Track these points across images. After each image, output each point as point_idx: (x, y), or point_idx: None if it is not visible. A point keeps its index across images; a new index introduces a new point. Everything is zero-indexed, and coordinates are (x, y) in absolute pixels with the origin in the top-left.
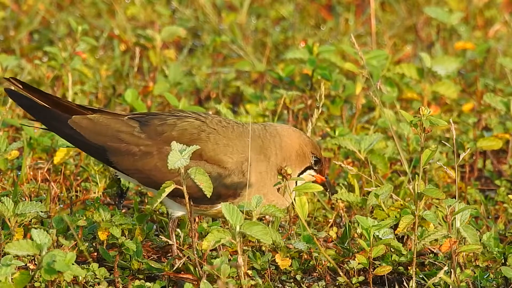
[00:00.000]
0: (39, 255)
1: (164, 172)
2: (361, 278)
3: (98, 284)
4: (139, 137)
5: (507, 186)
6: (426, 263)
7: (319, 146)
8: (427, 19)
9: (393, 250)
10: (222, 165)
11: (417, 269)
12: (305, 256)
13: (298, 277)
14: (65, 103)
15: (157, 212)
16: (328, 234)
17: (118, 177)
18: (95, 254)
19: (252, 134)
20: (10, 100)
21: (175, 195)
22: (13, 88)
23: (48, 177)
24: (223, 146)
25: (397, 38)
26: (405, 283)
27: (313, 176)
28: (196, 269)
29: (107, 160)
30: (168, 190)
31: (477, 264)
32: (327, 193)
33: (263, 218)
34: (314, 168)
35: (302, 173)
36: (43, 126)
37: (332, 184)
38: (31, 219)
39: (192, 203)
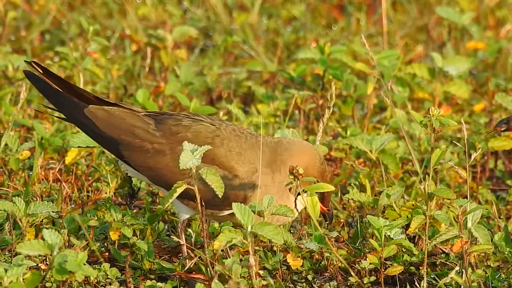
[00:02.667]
0: (51, 255)
1: (175, 173)
2: (373, 278)
3: (110, 284)
4: (154, 135)
5: None
6: (437, 263)
7: (329, 173)
8: (438, 19)
9: (404, 250)
10: (233, 173)
11: (429, 269)
12: (317, 256)
13: (309, 277)
14: (83, 92)
15: (169, 212)
16: (340, 234)
17: (128, 174)
18: (107, 254)
19: (263, 146)
20: (21, 100)
21: (184, 197)
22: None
23: (59, 177)
24: (236, 154)
25: (409, 38)
26: (416, 283)
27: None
28: (208, 269)
29: (119, 153)
30: (179, 190)
31: (489, 264)
32: (324, 224)
33: None
34: None
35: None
36: (60, 115)
37: (332, 216)
38: (42, 219)
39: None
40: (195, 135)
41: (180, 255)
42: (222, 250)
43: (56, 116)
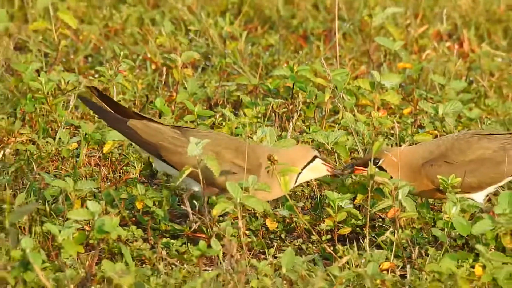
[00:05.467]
0: (93, 219)
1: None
2: (329, 236)
3: (136, 241)
4: (183, 141)
5: None
6: (376, 225)
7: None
8: (377, 46)
9: (352, 216)
10: (243, 167)
11: (370, 230)
12: (288, 220)
13: (282, 235)
14: (124, 109)
15: (179, 188)
16: (304, 204)
17: (152, 165)
18: (134, 219)
19: (257, 150)
20: (70, 106)
21: (197, 179)
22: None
23: (99, 163)
24: (242, 154)
25: (355, 60)
26: (361, 240)
27: (322, 164)
28: (208, 230)
29: (158, 155)
30: (187, 172)
31: (414, 226)
32: (342, 177)
33: None
34: (319, 157)
35: (311, 162)
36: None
37: (343, 170)
38: (86, 194)
39: (214, 188)
40: (212, 142)
41: (189, 219)
42: (218, 217)
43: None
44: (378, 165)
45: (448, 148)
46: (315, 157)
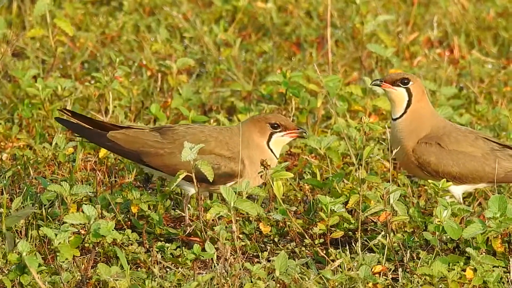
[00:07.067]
0: (88, 223)
1: (186, 166)
2: (322, 240)
3: (131, 244)
4: (163, 143)
5: None
6: (368, 229)
7: (276, 116)
8: (369, 52)
9: (344, 220)
10: (225, 156)
11: (362, 233)
12: (281, 224)
13: (276, 239)
14: (101, 122)
15: (174, 193)
16: (297, 208)
17: (146, 173)
18: (129, 223)
19: (235, 136)
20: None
21: (191, 180)
22: (60, 116)
23: (95, 167)
24: (224, 144)
25: (347, 67)
26: (353, 244)
27: (282, 136)
28: (202, 233)
29: (141, 161)
30: (181, 176)
31: (406, 230)
32: (305, 137)
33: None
34: (277, 131)
35: (269, 140)
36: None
37: (306, 131)
38: (82, 198)
39: (205, 184)
40: (192, 138)
41: (183, 223)
42: (212, 220)
43: (85, 141)
44: (407, 86)
45: (446, 133)
46: (271, 134)
